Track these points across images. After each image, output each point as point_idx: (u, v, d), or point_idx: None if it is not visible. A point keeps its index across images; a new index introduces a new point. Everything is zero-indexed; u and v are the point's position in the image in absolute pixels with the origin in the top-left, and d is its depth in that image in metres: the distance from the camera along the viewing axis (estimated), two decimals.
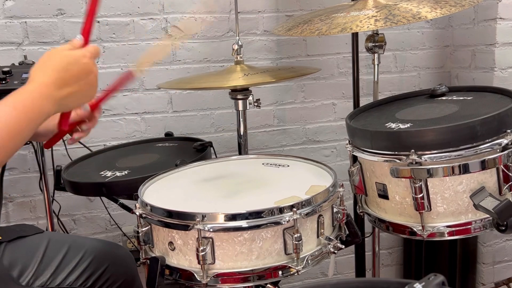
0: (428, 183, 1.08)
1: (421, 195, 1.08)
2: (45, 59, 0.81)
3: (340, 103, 2.05)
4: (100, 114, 0.95)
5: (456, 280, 1.98)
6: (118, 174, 1.36)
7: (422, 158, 1.06)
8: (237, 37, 1.55)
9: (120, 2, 1.75)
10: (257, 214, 0.92)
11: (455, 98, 1.30)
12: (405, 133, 1.10)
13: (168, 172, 1.25)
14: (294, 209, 0.93)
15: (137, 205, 1.03)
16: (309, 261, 0.97)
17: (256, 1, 1.87)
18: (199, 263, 0.92)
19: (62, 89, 0.79)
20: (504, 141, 1.05)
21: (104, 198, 1.75)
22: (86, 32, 0.88)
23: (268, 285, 0.99)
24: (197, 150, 1.51)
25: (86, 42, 0.87)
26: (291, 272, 0.95)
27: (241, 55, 1.54)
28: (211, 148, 1.54)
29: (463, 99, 1.27)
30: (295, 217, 0.92)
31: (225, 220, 0.92)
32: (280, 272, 0.95)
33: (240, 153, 1.59)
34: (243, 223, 0.92)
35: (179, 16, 1.81)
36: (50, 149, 1.66)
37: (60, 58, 0.81)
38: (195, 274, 0.94)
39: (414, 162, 1.06)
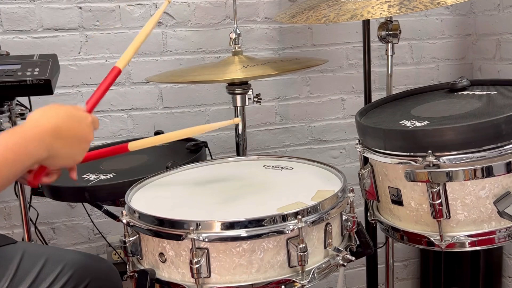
0: (447, 188, 1.09)
1: (439, 201, 1.08)
2: (47, 107, 0.87)
3: (350, 99, 2.05)
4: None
5: None
6: (102, 177, 1.36)
7: (441, 160, 1.06)
8: (235, 25, 1.55)
9: None
10: (257, 222, 0.92)
11: (477, 92, 1.31)
12: (422, 132, 1.10)
13: (158, 176, 1.25)
14: (299, 217, 0.93)
15: (124, 212, 1.03)
16: (316, 275, 0.97)
17: None
18: (193, 276, 0.93)
19: (57, 140, 0.84)
20: None
21: (86, 204, 1.74)
22: (93, 104, 0.98)
23: None
24: (190, 151, 1.51)
25: (90, 111, 0.96)
26: (296, 287, 0.95)
27: (239, 45, 1.54)
28: (206, 148, 1.54)
29: (486, 93, 1.28)
30: (299, 226, 0.92)
31: (222, 229, 0.92)
32: (283, 287, 0.95)
33: (238, 154, 1.59)
34: (242, 232, 0.92)
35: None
36: None
37: (64, 109, 0.88)
38: None
39: (431, 165, 1.06)
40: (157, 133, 1.77)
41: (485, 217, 1.09)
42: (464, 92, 1.34)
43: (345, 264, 1.00)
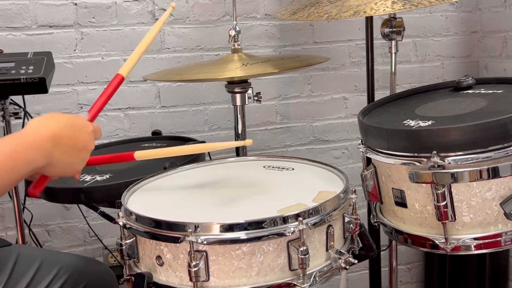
0: (452, 189, 1.08)
1: (444, 202, 1.08)
2: (48, 115, 0.89)
3: (352, 97, 2.05)
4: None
5: None
6: (98, 178, 1.36)
7: (446, 161, 1.06)
8: (235, 22, 1.55)
9: None
10: (257, 224, 0.92)
11: (483, 91, 1.30)
12: (426, 132, 1.10)
13: (155, 176, 1.25)
14: (300, 219, 0.93)
15: (120, 213, 1.03)
16: (317, 278, 0.97)
17: None
18: (191, 280, 0.93)
19: (56, 147, 0.85)
20: None
21: (82, 206, 1.75)
22: (96, 112, 1.01)
23: None
24: None
25: (92, 120, 0.99)
26: None
27: (239, 43, 1.54)
28: None
29: (492, 92, 1.28)
30: (301, 228, 0.92)
31: (220, 231, 0.92)
32: None
33: (238, 155, 1.59)
34: (242, 235, 0.92)
35: None
36: None
37: (65, 118, 0.89)
38: None
39: (436, 165, 1.06)
40: (154, 133, 1.77)
41: (491, 219, 1.09)
42: (470, 91, 1.34)
43: (347, 267, 1.00)
